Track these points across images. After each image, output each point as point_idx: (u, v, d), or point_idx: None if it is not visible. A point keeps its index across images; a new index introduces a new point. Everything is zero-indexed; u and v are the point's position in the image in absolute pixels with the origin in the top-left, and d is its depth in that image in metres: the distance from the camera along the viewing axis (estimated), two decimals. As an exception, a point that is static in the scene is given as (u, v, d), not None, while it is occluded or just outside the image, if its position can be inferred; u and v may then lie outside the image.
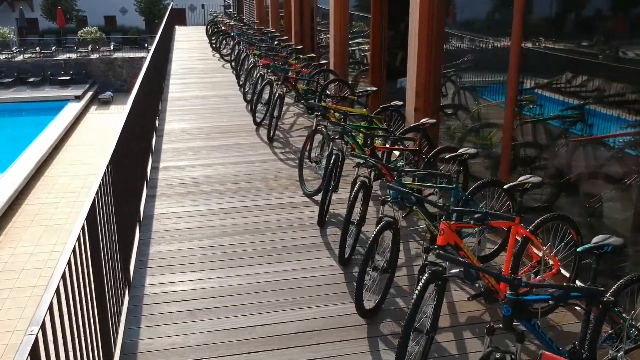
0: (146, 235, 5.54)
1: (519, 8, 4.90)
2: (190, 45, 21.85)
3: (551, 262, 3.80)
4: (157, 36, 13.72)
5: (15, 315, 10.76)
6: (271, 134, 8.57)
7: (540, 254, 3.76)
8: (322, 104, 6.43)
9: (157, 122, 9.77)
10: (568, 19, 4.96)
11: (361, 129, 5.96)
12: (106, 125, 25.26)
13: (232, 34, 16.74)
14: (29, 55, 31.67)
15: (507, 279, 2.45)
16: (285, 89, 8.93)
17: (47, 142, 20.00)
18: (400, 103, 5.86)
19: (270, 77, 9.48)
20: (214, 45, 19.11)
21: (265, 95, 9.44)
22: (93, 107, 28.12)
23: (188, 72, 15.49)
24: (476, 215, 3.12)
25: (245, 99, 11.25)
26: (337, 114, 6.95)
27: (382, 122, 6.70)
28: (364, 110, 6.85)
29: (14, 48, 32.80)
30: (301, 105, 10.56)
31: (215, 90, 12.76)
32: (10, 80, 29.48)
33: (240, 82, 12.73)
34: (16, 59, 31.23)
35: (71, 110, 25.26)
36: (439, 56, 6.57)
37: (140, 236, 5.52)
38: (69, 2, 39.12)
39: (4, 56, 31.24)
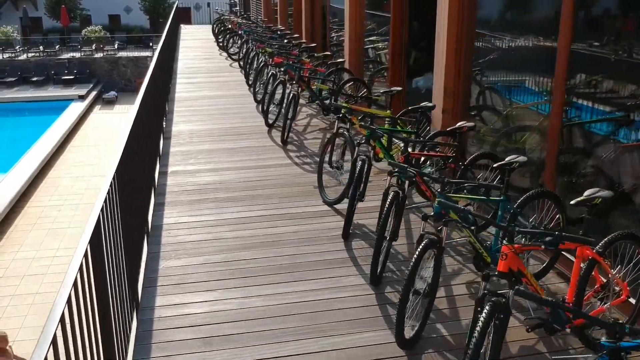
0: (155, 248, 5.09)
1: (568, 6, 4.43)
2: (196, 44, 21.42)
3: (619, 287, 3.33)
4: (163, 35, 13.27)
5: (16, 324, 10.32)
6: (285, 137, 8.11)
7: (607, 278, 3.29)
8: (344, 104, 5.95)
9: (164, 124, 9.31)
10: (619, 19, 4.50)
11: (390, 132, 5.49)
12: (110, 125, 24.85)
13: (239, 32, 16.29)
14: (33, 54, 31.28)
15: (607, 324, 1.98)
16: (299, 88, 8.46)
17: (50, 142, 19.59)
18: (431, 104, 5.38)
19: (283, 76, 9.02)
20: (220, 44, 18.66)
21: (277, 96, 8.97)
22: (97, 107, 27.71)
23: (195, 71, 15.04)
24: (548, 238, 2.65)
25: (255, 99, 10.79)
26: (358, 116, 6.47)
27: (407, 125, 6.24)
28: (388, 112, 6.38)
29: (17, 47, 32.42)
30: (314, 106, 10.10)
31: (224, 90, 12.31)
32: (14, 79, 29.09)
33: (250, 82, 12.28)
34: (19, 58, 30.85)
35: (75, 110, 24.85)
36: (468, 55, 6.10)
37: (149, 249, 5.06)
38: (73, 1, 38.74)
39: (7, 55, 30.87)
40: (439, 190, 3.57)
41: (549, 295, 4.12)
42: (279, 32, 13.29)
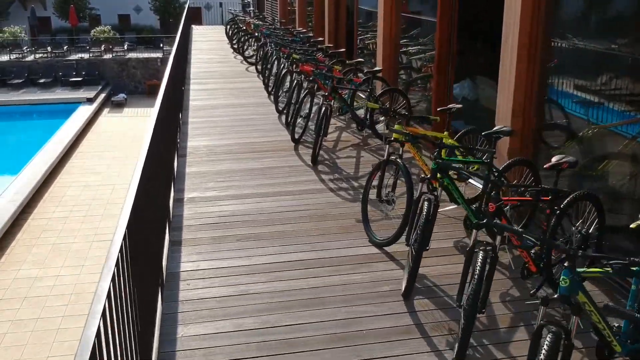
0: (171, 307, 4.13)
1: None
2: (209, 45, 20.52)
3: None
4: (177, 37, 12.39)
5: (15, 354, 9.44)
6: (316, 155, 7.16)
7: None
8: (397, 127, 4.94)
9: (178, 138, 8.38)
10: None
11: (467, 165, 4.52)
12: (119, 128, 24.00)
13: (256, 35, 15.36)
14: (40, 55, 30.48)
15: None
16: (331, 101, 7.50)
17: (55, 149, 18.72)
18: (507, 129, 4.37)
19: (310, 85, 8.08)
20: (235, 47, 17.74)
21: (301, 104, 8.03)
22: (106, 110, 26.86)
23: (209, 76, 14.12)
24: None
25: (277, 109, 9.84)
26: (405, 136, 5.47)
27: (467, 150, 5.26)
28: (445, 134, 5.39)
29: (24, 48, 31.65)
30: (343, 117, 9.14)
31: (242, 98, 11.36)
32: (21, 81, 28.29)
33: (270, 89, 11.34)
34: (27, 59, 30.06)
35: (82, 113, 24.01)
36: (543, 68, 5.11)
37: (164, 309, 4.10)
38: (82, 0, 37.94)
39: (14, 56, 30.10)
40: (566, 265, 2.59)
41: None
42: (301, 35, 12.33)
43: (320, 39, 11.97)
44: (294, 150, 7.83)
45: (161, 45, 31.38)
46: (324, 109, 7.14)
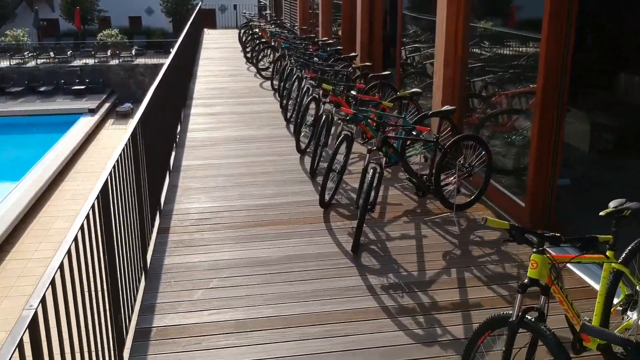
0: None
1: None
2: (220, 54, 18.30)
3: None
4: (176, 45, 10.29)
5: None
6: (356, 245, 4.81)
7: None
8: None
9: (162, 198, 6.08)
10: None
11: None
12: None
13: (273, 44, 13.07)
14: (43, 60, 28.48)
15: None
16: (384, 159, 5.14)
17: (45, 171, 16.55)
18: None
19: (348, 129, 5.78)
20: (249, 56, 15.47)
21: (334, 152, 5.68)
22: (110, 121, 24.73)
23: (216, 94, 11.86)
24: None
25: (298, 147, 7.53)
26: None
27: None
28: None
29: (25, 52, 29.65)
30: (404, 178, 6.76)
31: (253, 128, 9.06)
32: (20, 89, 26.26)
33: (289, 116, 9.08)
34: (28, 65, 28.07)
35: (83, 126, 21.88)
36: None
37: None
38: (90, 1, 35.97)
39: (15, 61, 28.13)
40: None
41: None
42: (327, 47, 10.02)
43: (353, 54, 9.62)
44: (323, 218, 5.50)
45: (172, 50, 29.24)
46: (372, 169, 4.80)
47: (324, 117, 6.46)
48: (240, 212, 5.73)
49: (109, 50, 29.19)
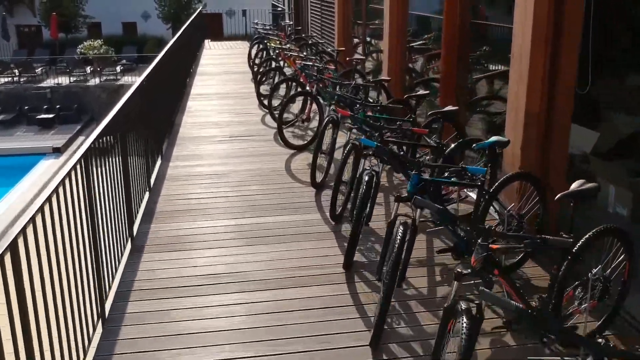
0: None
1: None
2: (220, 81, 12.66)
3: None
4: (150, 67, 6.19)
5: None
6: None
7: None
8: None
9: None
10: None
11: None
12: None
13: (310, 90, 7.43)
14: (6, 80, 23.02)
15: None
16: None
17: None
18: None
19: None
20: (262, 95, 9.85)
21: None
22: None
23: (207, 174, 6.22)
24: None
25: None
26: None
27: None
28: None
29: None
30: None
31: (287, 255, 3.71)
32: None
33: (338, 213, 3.55)
34: (-13, 86, 22.69)
35: (40, 175, 16.37)
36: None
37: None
38: (74, 5, 30.49)
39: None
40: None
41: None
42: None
43: (452, 107, 4.26)
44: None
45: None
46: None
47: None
48: None
49: (89, 67, 23.67)
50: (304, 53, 10.08)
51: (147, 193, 5.81)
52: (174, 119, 8.91)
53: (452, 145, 4.54)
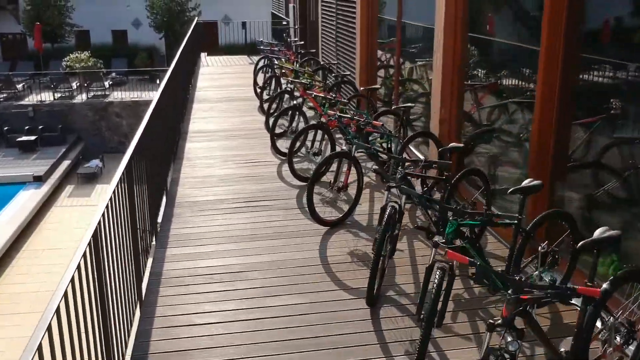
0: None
1: None
2: (224, 110, 10.99)
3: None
4: (157, 95, 4.22)
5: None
6: None
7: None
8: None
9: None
10: None
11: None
12: (80, 233, 14.64)
13: (345, 150, 5.76)
14: (-16, 97, 21.29)
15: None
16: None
17: None
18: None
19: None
20: (276, 135, 8.19)
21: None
22: (67, 190, 17.49)
23: (228, 285, 4.58)
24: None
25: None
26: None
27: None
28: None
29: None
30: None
31: None
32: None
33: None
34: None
35: (20, 207, 14.64)
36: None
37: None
38: (60, 13, 28.70)
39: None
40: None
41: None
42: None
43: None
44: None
45: (158, 81, 22.03)
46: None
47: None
48: None
49: (75, 82, 21.92)
50: (319, 79, 8.42)
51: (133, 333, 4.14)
52: (167, 176, 7.20)
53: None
